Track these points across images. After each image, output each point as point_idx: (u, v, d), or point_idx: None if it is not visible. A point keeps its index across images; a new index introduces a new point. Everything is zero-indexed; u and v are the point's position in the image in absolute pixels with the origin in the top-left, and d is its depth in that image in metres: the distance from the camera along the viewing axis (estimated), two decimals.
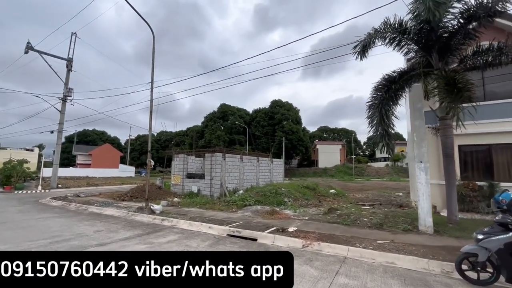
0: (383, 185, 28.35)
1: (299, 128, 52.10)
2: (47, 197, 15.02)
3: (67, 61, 22.01)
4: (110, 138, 75.54)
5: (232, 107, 55.35)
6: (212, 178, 14.30)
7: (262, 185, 17.94)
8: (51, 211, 10.16)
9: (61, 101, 21.69)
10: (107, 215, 9.47)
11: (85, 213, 9.86)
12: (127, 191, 15.43)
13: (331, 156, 58.64)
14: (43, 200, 13.78)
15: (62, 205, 11.87)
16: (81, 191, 17.78)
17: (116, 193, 16.31)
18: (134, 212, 9.61)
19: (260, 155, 18.75)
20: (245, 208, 10.23)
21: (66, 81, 21.80)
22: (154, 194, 13.89)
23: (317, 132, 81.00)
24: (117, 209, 10.27)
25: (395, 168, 53.56)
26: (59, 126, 21.81)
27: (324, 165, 56.01)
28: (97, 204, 11.70)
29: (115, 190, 19.09)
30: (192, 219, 8.27)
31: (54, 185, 21.03)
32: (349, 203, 12.60)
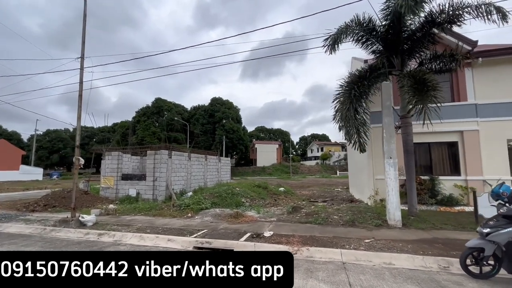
0: (319, 182, 30.47)
1: (240, 127, 52.10)
2: None
3: None
4: (7, 133, 60.57)
5: (168, 102, 51.36)
6: (155, 179, 12.41)
7: (210, 185, 16.73)
8: None
9: None
10: (11, 233, 6.88)
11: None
12: (37, 198, 12.02)
13: (269, 155, 60.66)
14: None
15: None
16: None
17: (20, 202, 12.59)
18: (55, 226, 7.28)
19: (208, 153, 17.45)
20: (202, 212, 9.03)
21: None
22: (79, 201, 11.07)
23: (254, 132, 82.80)
24: (27, 224, 7.64)
25: (324, 166, 58.93)
26: None
27: (262, 164, 57.49)
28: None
29: (18, 198, 14.81)
30: (141, 230, 6.69)
31: None
32: (302, 200, 12.71)
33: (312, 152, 72.25)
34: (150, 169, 12.60)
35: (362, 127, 7.05)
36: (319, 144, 70.15)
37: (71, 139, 68.37)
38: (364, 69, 7.54)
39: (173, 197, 12.08)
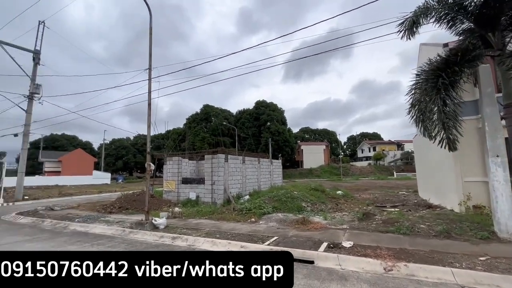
0: (375, 184, 28.09)
1: (285, 129, 51.44)
2: (11, 212, 12.40)
3: (33, 53, 19.09)
4: (82, 143, 69.90)
5: (215, 108, 53.39)
6: (213, 183, 12.64)
7: (264, 188, 16.53)
8: (19, 233, 7.95)
9: (27, 99, 18.71)
10: (97, 234, 7.52)
11: (66, 233, 7.80)
12: (112, 201, 13.24)
13: (316, 156, 58.65)
14: (7, 216, 11.26)
15: (33, 223, 9.58)
16: (54, 203, 15.17)
17: (98, 204, 14.02)
18: (132, 228, 7.75)
19: (260, 156, 17.32)
20: (265, 217, 8.77)
21: (33, 76, 18.88)
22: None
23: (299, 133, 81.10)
24: (108, 225, 8.31)
25: (377, 167, 54.54)
26: (25, 128, 18.78)
27: (309, 166, 55.81)
28: (78, 219, 9.59)
29: (95, 200, 16.63)
30: (210, 235, 6.67)
31: (20, 197, 17.98)
32: (367, 205, 11.61)
33: (363, 152, 67.69)
34: (208, 173, 12.91)
35: (452, 121, 5.97)
36: (371, 144, 65.37)
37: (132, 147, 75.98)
38: (453, 52, 6.42)
39: (231, 201, 12.15)
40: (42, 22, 19.75)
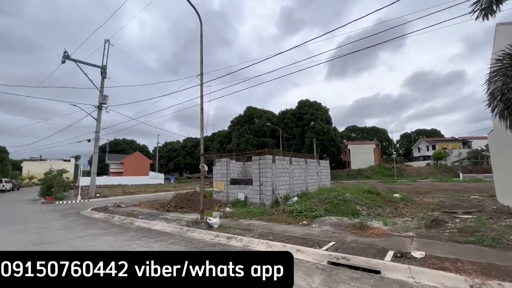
0: (438, 186, 25.05)
1: (330, 128, 49.47)
2: (87, 207, 14.24)
3: (101, 69, 21.75)
4: (139, 147, 77.41)
5: (258, 110, 54.01)
6: (261, 184, 12.68)
7: (311, 190, 16.04)
8: (95, 226, 9.03)
9: (97, 109, 21.38)
10: (159, 231, 8.11)
11: (132, 228, 8.59)
12: (168, 200, 14.25)
13: (364, 156, 55.07)
14: (84, 211, 12.94)
15: (105, 218, 10.82)
16: (120, 200, 16.97)
17: (156, 202, 15.23)
18: (188, 226, 8.17)
19: (307, 156, 16.87)
20: (317, 220, 8.43)
21: (101, 88, 21.51)
22: (199, 203, 12.46)
23: (345, 132, 77.21)
24: (167, 223, 8.91)
25: (438, 167, 48.78)
26: (96, 134, 21.49)
27: (358, 166, 52.64)
28: (141, 216, 10.50)
29: (153, 199, 18.13)
30: (264, 236, 6.63)
31: (93, 195, 20.60)
32: (432, 211, 10.36)
33: (420, 151, 61.30)
34: (255, 174, 13.00)
35: None
36: (429, 141, 58.83)
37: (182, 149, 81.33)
38: None
39: (280, 202, 12.03)
40: (107, 41, 22.37)
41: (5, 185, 31.96)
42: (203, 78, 9.07)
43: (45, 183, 20.09)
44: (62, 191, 20.45)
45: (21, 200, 20.67)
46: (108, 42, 22.32)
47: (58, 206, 15.96)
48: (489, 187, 21.74)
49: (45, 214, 12.41)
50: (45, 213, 12.81)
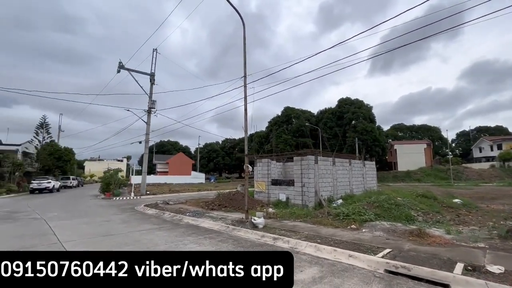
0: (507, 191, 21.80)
1: (374, 127, 46.60)
2: (140, 204, 15.50)
3: (150, 76, 23.53)
4: (182, 147, 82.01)
5: (296, 110, 53.33)
6: (303, 185, 12.41)
7: (356, 193, 15.25)
8: (149, 222, 9.76)
9: (147, 113, 23.18)
10: (206, 228, 8.44)
11: (182, 225, 9.09)
12: (212, 199, 14.79)
13: (414, 157, 50.58)
14: (138, 207, 14.09)
15: (156, 214, 11.63)
16: (168, 198, 18.12)
17: (200, 201, 15.92)
18: (234, 225, 8.34)
19: (352, 157, 16.08)
20: (367, 224, 7.95)
21: (150, 94, 23.27)
22: (241, 203, 12.73)
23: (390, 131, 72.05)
24: (213, 221, 9.23)
25: (506, 170, 42.60)
26: (146, 136, 23.31)
27: (406, 168, 48.55)
28: (189, 213, 11.05)
29: (197, 197, 19.01)
30: (311, 239, 6.45)
31: (144, 192, 22.36)
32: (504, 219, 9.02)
33: (482, 151, 54.33)
34: (297, 175, 12.78)
35: None
36: (494, 140, 51.78)
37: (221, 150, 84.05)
38: None
39: (323, 204, 11.66)
40: (155, 50, 24.13)
41: (72, 182, 36.45)
42: (246, 79, 9.19)
43: (104, 180, 22.41)
44: (118, 188, 22.59)
45: (85, 196, 23.37)
46: (155, 51, 24.06)
47: (115, 202, 17.67)
48: None
49: (106, 209, 13.83)
50: (105, 208, 14.27)
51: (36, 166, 34.30)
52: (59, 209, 13.34)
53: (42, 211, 12.53)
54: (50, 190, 26.22)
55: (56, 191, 28.06)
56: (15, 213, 12.15)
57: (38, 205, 15.61)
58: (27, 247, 6.18)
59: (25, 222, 9.70)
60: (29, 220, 10.12)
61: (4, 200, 19.64)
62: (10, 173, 27.72)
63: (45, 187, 25.83)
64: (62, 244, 6.38)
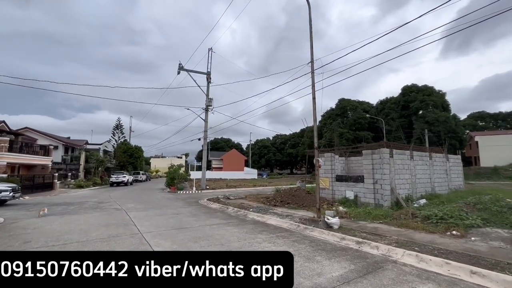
0: None
1: (449, 116, 40.34)
2: (202, 198, 16.05)
3: (206, 75, 24.34)
4: (234, 144, 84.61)
5: (352, 101, 49.61)
6: (375, 182, 11.02)
7: (438, 191, 13.05)
8: (215, 216, 9.80)
9: (204, 111, 24.09)
10: (275, 226, 7.98)
11: (248, 221, 8.83)
12: (273, 195, 14.41)
13: (502, 150, 42.24)
14: (202, 201, 14.56)
15: (221, 209, 11.73)
16: (227, 193, 18.44)
17: (259, 196, 15.72)
18: (304, 224, 7.69)
19: (433, 150, 13.82)
20: (473, 231, 6.43)
21: (207, 92, 24.08)
22: (305, 200, 12.04)
23: (467, 121, 61.65)
24: (280, 218, 8.74)
25: None
26: (204, 133, 24.28)
27: (492, 163, 40.86)
28: (252, 209, 10.81)
29: (255, 193, 18.94)
30: (404, 246, 5.38)
31: (204, 187, 23.35)
32: None
33: None
34: (368, 170, 11.43)
35: None
36: None
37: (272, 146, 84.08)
38: None
39: (402, 204, 10.16)
40: (210, 49, 24.85)
41: (142, 176, 40.67)
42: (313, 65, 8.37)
43: (169, 175, 24.12)
44: (181, 183, 24.08)
45: (154, 189, 25.59)
46: (211, 50, 24.78)
47: (180, 195, 18.76)
48: None
49: (173, 202, 14.65)
50: (173, 201, 15.14)
51: (114, 162, 39.21)
52: (134, 201, 14.64)
53: (122, 202, 13.88)
54: (125, 183, 29.58)
55: (130, 184, 31.55)
56: (101, 203, 13.72)
57: (117, 196, 17.50)
58: (113, 236, 6.60)
59: (110, 211, 10.74)
60: (112, 210, 11.20)
61: (92, 191, 22.75)
62: (95, 168, 32.16)
63: (122, 180, 29.22)
64: (142, 235, 6.64)
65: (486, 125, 62.43)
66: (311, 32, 8.35)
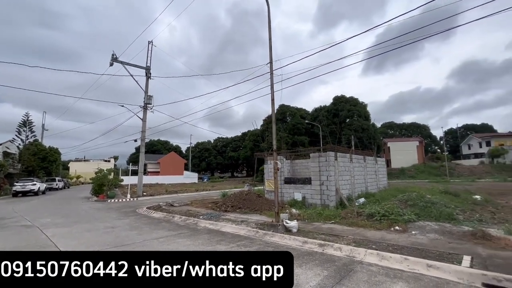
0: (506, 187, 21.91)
1: (369, 125, 46.69)
2: (141, 206, 14.26)
3: (145, 69, 22.09)
4: (173, 147, 79.77)
5: (291, 108, 52.76)
6: (322, 183, 11.63)
7: (371, 190, 14.65)
8: (161, 227, 8.65)
9: (143, 109, 21.76)
10: (232, 234, 7.44)
11: (201, 230, 8.04)
12: (220, 199, 13.83)
13: (406, 154, 51.25)
14: (140, 210, 12.88)
15: (165, 218, 10.50)
16: (166, 199, 16.89)
17: (205, 201, 14.90)
18: (262, 230, 7.40)
19: (366, 153, 15.46)
20: (411, 225, 7.23)
21: (146, 89, 21.85)
22: (256, 203, 11.82)
23: (381, 129, 72.78)
24: (236, 225, 8.25)
25: (495, 166, 43.74)
26: (142, 134, 21.90)
27: (400, 165, 49.13)
28: (202, 216, 10.01)
29: (200, 198, 17.90)
30: (363, 245, 5.62)
31: (140, 193, 20.98)
32: None
33: (471, 148, 55.74)
34: (315, 172, 11.99)
35: None
36: (482, 137, 53.18)
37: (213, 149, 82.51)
38: None
39: (345, 203, 10.94)
40: (150, 42, 22.69)
41: (58, 183, 34.16)
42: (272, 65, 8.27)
43: (97, 181, 20.81)
44: (112, 190, 21.09)
45: (75, 198, 21.69)
46: (151, 43, 22.63)
47: (112, 204, 16.28)
48: None
49: (105, 213, 12.52)
50: (104, 211, 12.95)
51: (19, 167, 31.93)
52: (51, 214, 11.92)
53: (33, 217, 11.10)
54: (35, 192, 24.25)
55: (42, 193, 26.06)
56: (1, 219, 10.69)
57: (25, 209, 14.05)
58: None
59: (15, 230, 8.35)
60: (20, 228, 8.77)
61: None
62: None
63: (30, 189, 23.85)
64: None
65: (394, 133, 74.85)
66: (269, 32, 8.24)
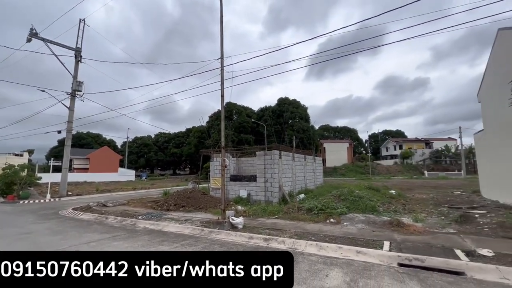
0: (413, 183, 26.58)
1: (309, 127, 50.38)
2: (65, 207, 12.42)
3: (75, 51, 19.26)
4: (106, 141, 71.51)
5: (238, 106, 53.01)
6: (266, 181, 12.10)
7: (310, 187, 15.87)
8: (92, 230, 7.70)
9: (70, 96, 18.92)
10: (176, 233, 7.11)
11: (140, 231, 7.46)
12: (161, 198, 13.09)
13: (338, 154, 57.18)
14: (65, 212, 11.22)
15: (97, 220, 9.38)
16: (97, 199, 15.12)
17: (145, 200, 13.89)
18: (208, 228, 7.30)
19: (306, 152, 16.63)
20: (343, 217, 8.11)
21: (75, 73, 19.05)
22: (201, 201, 11.56)
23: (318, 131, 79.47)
24: (179, 224, 7.92)
25: (405, 166, 52.40)
26: (68, 125, 19.01)
27: (333, 164, 54.44)
28: (141, 216, 9.30)
29: (138, 197, 16.55)
30: (303, 237, 6.08)
31: (64, 193, 18.24)
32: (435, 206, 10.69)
33: (388, 151, 65.38)
34: (260, 170, 12.37)
35: None
36: (397, 141, 62.97)
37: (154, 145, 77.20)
38: None
39: (287, 199, 11.58)
40: (82, 20, 19.87)
41: None
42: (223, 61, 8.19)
43: (4, 179, 17.28)
44: (26, 189, 17.83)
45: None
46: (83, 21, 19.82)
47: (26, 206, 13.72)
48: (460, 183, 23.64)
49: (17, 216, 10.48)
50: (16, 215, 10.82)
51: None
52: None
53: None
54: None
55: None
56: None
57: None
58: None
59: None
60: None
61: None
62: None
63: None
64: None
65: (329, 135, 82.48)
66: (221, 26, 8.13)
